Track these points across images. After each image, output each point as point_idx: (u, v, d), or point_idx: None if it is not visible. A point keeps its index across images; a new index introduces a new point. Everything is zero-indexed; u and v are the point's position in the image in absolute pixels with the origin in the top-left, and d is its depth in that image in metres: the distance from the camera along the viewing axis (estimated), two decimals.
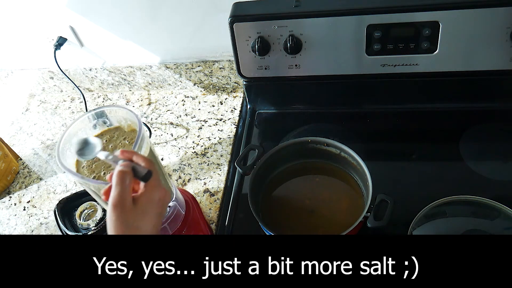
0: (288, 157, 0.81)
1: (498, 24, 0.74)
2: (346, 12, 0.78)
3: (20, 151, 1.07)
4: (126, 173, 0.51)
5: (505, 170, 0.81)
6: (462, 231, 0.70)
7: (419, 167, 0.84)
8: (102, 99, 1.15)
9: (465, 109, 0.89)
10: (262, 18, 0.81)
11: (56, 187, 0.96)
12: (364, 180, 0.73)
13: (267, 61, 0.86)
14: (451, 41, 0.77)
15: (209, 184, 0.89)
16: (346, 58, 0.83)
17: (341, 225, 0.69)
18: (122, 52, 1.05)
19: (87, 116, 0.67)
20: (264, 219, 0.73)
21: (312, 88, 0.93)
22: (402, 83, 0.87)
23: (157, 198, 0.53)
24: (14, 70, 1.17)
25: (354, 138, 0.89)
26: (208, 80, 1.06)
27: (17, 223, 0.91)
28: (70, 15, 0.99)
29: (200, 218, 0.80)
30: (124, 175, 0.51)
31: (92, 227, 0.81)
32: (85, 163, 0.66)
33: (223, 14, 0.84)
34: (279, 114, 1.00)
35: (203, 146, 0.96)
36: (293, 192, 0.80)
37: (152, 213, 0.52)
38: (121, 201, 0.50)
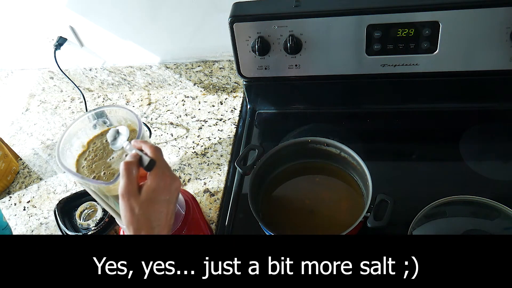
0: (288, 157, 0.81)
1: (498, 24, 0.74)
2: (346, 12, 0.78)
3: (20, 151, 1.07)
4: (131, 164, 0.53)
5: (505, 170, 0.81)
6: (462, 231, 0.70)
7: (419, 167, 0.84)
8: (102, 99, 1.15)
9: (465, 109, 0.89)
10: (262, 18, 0.81)
11: (56, 187, 0.96)
12: (364, 180, 0.73)
13: (267, 61, 0.86)
14: (451, 41, 0.77)
15: (209, 184, 0.89)
16: (346, 58, 0.83)
17: (341, 225, 0.69)
18: (122, 52, 1.05)
19: (87, 116, 0.67)
20: (264, 219, 0.73)
21: (312, 88, 0.93)
22: (402, 83, 0.87)
23: (162, 185, 0.54)
24: (14, 70, 1.17)
25: (354, 138, 0.89)
26: (208, 80, 1.06)
27: (17, 223, 0.91)
28: (70, 15, 0.99)
29: (200, 218, 0.80)
30: (130, 165, 0.53)
31: (92, 227, 0.81)
32: (85, 163, 0.66)
33: (223, 14, 0.84)
34: (279, 114, 1.00)
35: (203, 146, 0.96)
36: (293, 192, 0.80)
37: (159, 201, 0.54)
38: (127, 191, 0.53)
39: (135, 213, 0.52)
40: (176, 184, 0.56)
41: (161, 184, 0.54)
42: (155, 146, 0.56)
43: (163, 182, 0.54)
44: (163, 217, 0.54)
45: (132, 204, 0.52)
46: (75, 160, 0.66)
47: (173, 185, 0.56)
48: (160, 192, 0.54)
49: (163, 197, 0.54)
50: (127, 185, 0.53)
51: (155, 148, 0.55)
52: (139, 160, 0.54)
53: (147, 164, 0.53)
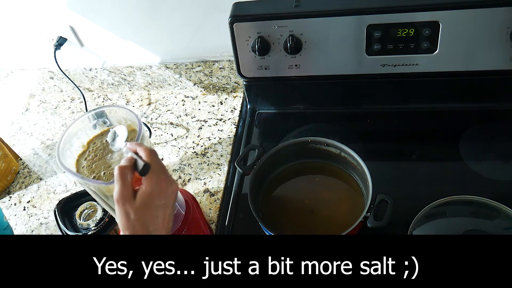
0: (288, 157, 0.81)
1: (498, 24, 0.74)
2: (346, 12, 0.78)
3: (20, 151, 1.07)
4: (125, 168, 0.53)
5: (505, 170, 0.81)
6: (462, 231, 0.70)
7: (419, 167, 0.84)
8: (102, 99, 1.15)
9: (465, 109, 0.89)
10: (262, 18, 0.81)
11: (56, 187, 0.96)
12: (364, 180, 0.73)
13: (267, 61, 0.86)
14: (451, 41, 0.77)
15: (209, 184, 0.89)
16: (346, 58, 0.83)
17: (341, 225, 0.69)
18: (122, 52, 1.05)
19: (87, 116, 0.67)
20: (264, 219, 0.73)
21: (312, 88, 0.93)
22: (402, 83, 0.87)
23: (157, 190, 0.53)
24: (14, 70, 1.17)
25: (354, 138, 0.89)
26: (208, 80, 1.06)
27: (17, 223, 0.91)
28: (70, 15, 0.99)
29: (200, 218, 0.80)
30: (124, 170, 0.52)
31: (92, 227, 0.81)
32: (85, 163, 0.66)
33: (223, 14, 0.84)
34: (279, 114, 1.00)
35: (203, 146, 0.96)
36: (293, 192, 0.80)
37: (155, 206, 0.53)
38: (122, 196, 0.52)
39: (131, 218, 0.52)
40: (172, 188, 0.55)
41: (156, 188, 0.53)
42: (150, 149, 0.55)
43: (158, 187, 0.53)
44: (160, 221, 0.53)
45: (127, 210, 0.52)
46: (75, 160, 0.66)
47: (169, 188, 0.55)
48: (156, 196, 0.53)
49: (159, 202, 0.53)
50: (122, 191, 0.52)
51: (150, 151, 0.54)
52: (134, 164, 0.53)
53: (141, 169, 0.52)
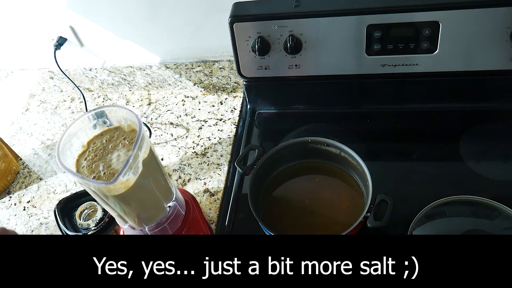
0: (288, 157, 0.81)
1: (498, 24, 0.74)
2: (346, 12, 0.78)
3: (20, 151, 1.07)
4: None
5: (505, 170, 0.81)
6: (462, 231, 0.70)
7: (419, 167, 0.84)
8: (102, 99, 1.15)
9: (465, 109, 0.89)
10: (262, 18, 0.81)
11: (56, 187, 0.96)
12: (364, 180, 0.73)
13: (267, 61, 0.86)
14: (451, 41, 0.77)
15: (209, 184, 0.89)
16: (346, 58, 0.83)
17: (341, 225, 0.69)
18: (122, 52, 1.05)
19: (87, 116, 0.67)
20: (264, 219, 0.73)
21: (312, 88, 0.93)
22: (402, 83, 0.87)
23: None
24: (14, 70, 1.17)
25: (354, 138, 0.89)
26: (208, 80, 1.06)
27: (17, 223, 0.91)
28: (70, 15, 0.99)
29: (200, 218, 0.80)
30: None
31: (92, 227, 0.81)
32: (85, 163, 0.66)
33: (223, 14, 0.84)
34: (279, 114, 1.00)
35: (203, 146, 0.96)
36: (293, 192, 0.80)
37: None
38: None
39: None
40: None
41: None
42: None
43: None
44: None
45: None
46: (75, 160, 0.66)
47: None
48: None
49: None
50: None
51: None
52: None
53: None
